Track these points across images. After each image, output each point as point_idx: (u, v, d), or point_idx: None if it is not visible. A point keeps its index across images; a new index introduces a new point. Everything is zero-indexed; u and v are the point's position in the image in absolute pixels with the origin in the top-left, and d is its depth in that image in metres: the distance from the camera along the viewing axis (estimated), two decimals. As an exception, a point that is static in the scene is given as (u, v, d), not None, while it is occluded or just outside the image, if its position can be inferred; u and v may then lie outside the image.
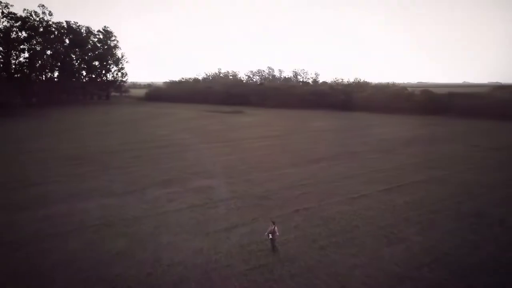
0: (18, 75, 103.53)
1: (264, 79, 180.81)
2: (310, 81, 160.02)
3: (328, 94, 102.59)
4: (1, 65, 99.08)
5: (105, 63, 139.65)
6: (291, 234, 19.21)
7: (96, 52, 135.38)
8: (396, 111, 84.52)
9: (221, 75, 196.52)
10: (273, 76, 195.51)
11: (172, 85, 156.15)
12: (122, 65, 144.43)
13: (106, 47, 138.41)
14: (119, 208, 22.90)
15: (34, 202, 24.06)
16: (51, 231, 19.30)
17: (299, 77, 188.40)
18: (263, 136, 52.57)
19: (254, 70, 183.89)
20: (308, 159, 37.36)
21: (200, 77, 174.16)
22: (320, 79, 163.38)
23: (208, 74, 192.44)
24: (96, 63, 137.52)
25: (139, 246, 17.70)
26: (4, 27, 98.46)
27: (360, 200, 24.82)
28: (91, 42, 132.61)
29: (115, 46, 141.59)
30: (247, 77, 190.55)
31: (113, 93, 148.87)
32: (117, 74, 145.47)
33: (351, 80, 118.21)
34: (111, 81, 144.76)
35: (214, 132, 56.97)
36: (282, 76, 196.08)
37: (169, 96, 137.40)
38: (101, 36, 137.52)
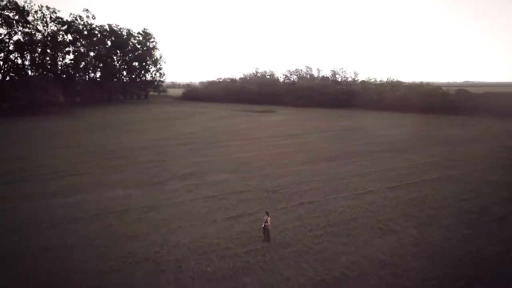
0: (64, 75, 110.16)
1: (301, 78, 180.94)
2: (349, 80, 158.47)
3: (360, 94, 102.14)
4: (49, 67, 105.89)
5: (144, 64, 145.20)
6: (291, 224, 20.75)
7: (136, 53, 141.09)
8: (430, 111, 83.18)
9: (258, 74, 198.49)
10: (311, 75, 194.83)
11: (207, 85, 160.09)
12: (160, 65, 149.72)
13: (145, 48, 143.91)
14: (140, 197, 25.27)
15: (67, 190, 26.95)
16: (78, 215, 21.90)
17: (337, 76, 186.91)
18: (287, 135, 53.95)
19: (292, 69, 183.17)
20: (324, 157, 38.49)
21: (237, 77, 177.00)
22: (360, 78, 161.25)
23: (246, 74, 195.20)
24: (136, 64, 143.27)
25: (152, 230, 19.87)
26: (51, 31, 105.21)
27: (366, 195, 25.88)
28: (131, 43, 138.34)
29: (154, 48, 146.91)
30: (284, 76, 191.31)
31: (151, 93, 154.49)
32: (155, 74, 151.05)
33: (384, 79, 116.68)
34: (150, 81, 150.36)
35: (240, 130, 58.98)
36: (320, 75, 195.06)
37: (204, 95, 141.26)
38: (140, 38, 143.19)
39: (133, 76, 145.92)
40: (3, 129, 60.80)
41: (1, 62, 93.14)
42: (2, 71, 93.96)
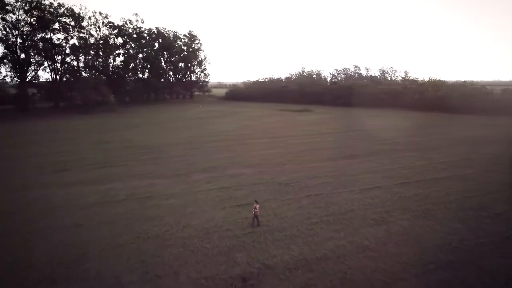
0: (114, 76, 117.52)
1: (349, 78, 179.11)
2: (398, 79, 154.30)
3: (400, 93, 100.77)
4: (101, 68, 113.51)
5: (189, 64, 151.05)
6: (292, 213, 22.76)
7: (182, 55, 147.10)
8: (471, 111, 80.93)
9: (305, 74, 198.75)
10: (359, 74, 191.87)
11: (250, 85, 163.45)
12: (205, 66, 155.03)
13: (190, 50, 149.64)
14: (164, 187, 28.25)
15: (102, 179, 30.53)
16: (106, 200, 25.19)
17: (387, 75, 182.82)
18: (316, 133, 55.40)
19: (339, 68, 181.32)
20: (345, 155, 39.77)
21: (282, 77, 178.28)
22: (411, 77, 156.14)
23: (292, 73, 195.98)
24: (182, 64, 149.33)
25: (167, 213, 22.64)
26: (104, 35, 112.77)
27: (371, 190, 27.25)
28: (177, 45, 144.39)
29: (199, 49, 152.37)
30: (331, 76, 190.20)
31: (196, 93, 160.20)
32: (200, 75, 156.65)
33: (426, 78, 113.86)
34: (195, 81, 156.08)
35: (272, 129, 61.11)
36: (368, 75, 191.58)
37: (247, 95, 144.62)
38: (186, 40, 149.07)
39: (179, 77, 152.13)
40: (57, 126, 66.94)
41: (59, 65, 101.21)
42: (59, 72, 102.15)
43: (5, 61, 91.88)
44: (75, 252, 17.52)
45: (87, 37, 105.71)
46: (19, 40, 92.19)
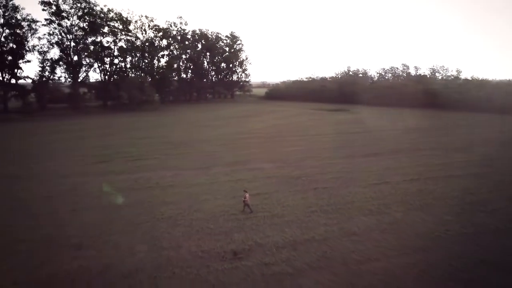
0: (159, 76, 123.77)
1: (397, 77, 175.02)
2: (451, 78, 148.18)
3: (440, 93, 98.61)
4: (146, 69, 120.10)
5: (231, 65, 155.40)
6: (295, 202, 24.84)
7: (224, 55, 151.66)
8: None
9: (350, 73, 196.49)
10: (408, 73, 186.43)
11: (290, 84, 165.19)
12: (246, 66, 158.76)
13: (232, 50, 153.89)
14: (186, 177, 31.23)
15: (134, 170, 34.09)
16: (134, 187, 28.51)
17: (437, 74, 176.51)
18: (344, 132, 56.58)
19: (387, 67, 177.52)
20: (366, 153, 40.98)
21: (328, 76, 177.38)
22: (463, 76, 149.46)
23: (338, 73, 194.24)
24: (223, 65, 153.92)
25: (183, 200, 25.47)
26: (149, 37, 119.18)
27: (378, 185, 28.67)
28: (219, 46, 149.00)
29: (240, 50, 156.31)
30: (378, 75, 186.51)
31: (237, 92, 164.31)
32: (241, 75, 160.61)
33: (468, 77, 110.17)
34: (236, 81, 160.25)
35: (301, 127, 62.91)
36: (417, 74, 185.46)
37: (286, 95, 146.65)
38: (228, 41, 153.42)
39: (221, 77, 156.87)
40: (103, 123, 72.61)
41: (107, 66, 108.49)
42: (108, 73, 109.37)
43: (60, 63, 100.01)
44: (100, 228, 20.70)
45: (133, 39, 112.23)
46: (72, 44, 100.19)
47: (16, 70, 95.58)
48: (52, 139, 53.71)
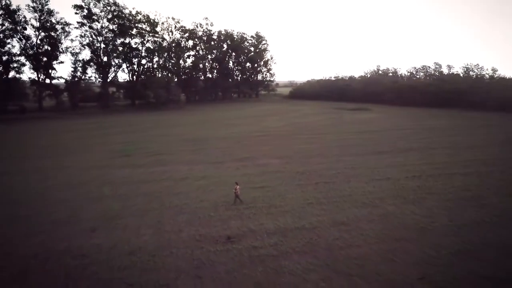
0: (185, 76, 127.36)
1: (429, 76, 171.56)
2: (486, 77, 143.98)
3: (464, 92, 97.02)
4: (173, 69, 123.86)
5: (256, 65, 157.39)
6: (294, 195, 26.42)
7: (249, 55, 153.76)
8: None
9: (380, 72, 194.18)
10: (440, 72, 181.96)
11: (314, 83, 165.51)
12: (270, 66, 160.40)
13: (257, 50, 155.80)
14: (198, 171, 33.34)
15: (151, 164, 36.54)
16: (149, 179, 30.89)
17: (471, 73, 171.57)
18: (360, 131, 57.31)
19: (418, 66, 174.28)
20: (376, 151, 41.85)
21: (356, 75, 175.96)
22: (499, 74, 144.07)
23: (366, 72, 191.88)
24: (248, 64, 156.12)
25: (192, 191, 27.54)
26: (176, 39, 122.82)
27: (379, 181, 29.82)
28: (244, 46, 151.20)
29: (265, 49, 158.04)
30: (409, 74, 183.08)
31: (262, 92, 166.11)
32: (266, 74, 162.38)
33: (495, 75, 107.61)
34: (260, 80, 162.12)
35: (318, 126, 64.04)
36: (450, 72, 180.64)
37: (310, 94, 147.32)
38: (253, 41, 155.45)
39: (245, 76, 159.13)
40: (129, 121, 76.17)
41: (135, 66, 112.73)
42: (136, 73, 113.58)
43: (91, 63, 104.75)
44: (112, 213, 23.04)
45: (160, 40, 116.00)
46: (102, 45, 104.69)
47: (50, 71, 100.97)
48: (81, 135, 57.26)
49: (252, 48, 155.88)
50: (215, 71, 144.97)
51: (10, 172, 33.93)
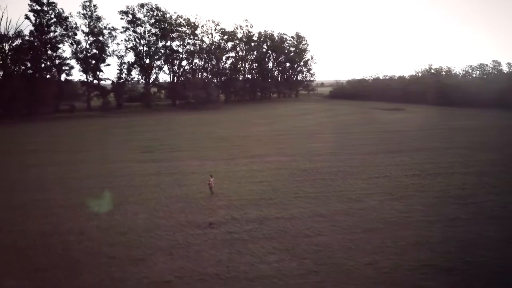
0: (224, 77, 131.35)
1: (487, 75, 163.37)
2: None
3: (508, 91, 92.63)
4: (212, 70, 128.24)
5: (295, 65, 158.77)
6: (287, 189, 28.13)
7: (289, 56, 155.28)
8: None
9: (432, 71, 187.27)
10: (499, 70, 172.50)
11: (354, 83, 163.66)
12: (310, 66, 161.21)
13: (297, 51, 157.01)
14: (208, 166, 35.78)
15: (169, 159, 39.66)
16: (161, 172, 33.85)
17: None
18: (383, 131, 57.37)
19: (475, 64, 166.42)
20: (389, 150, 42.28)
21: (407, 74, 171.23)
22: None
23: (418, 71, 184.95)
24: (288, 65, 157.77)
25: (195, 184, 29.95)
26: (215, 40, 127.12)
27: (376, 179, 30.77)
28: (284, 46, 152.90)
29: (305, 50, 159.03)
30: (464, 72, 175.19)
31: (301, 92, 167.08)
32: (305, 74, 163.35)
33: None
34: (300, 80, 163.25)
35: (345, 125, 64.70)
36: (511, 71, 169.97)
37: (350, 93, 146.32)
38: (293, 41, 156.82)
39: (285, 76, 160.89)
40: (164, 119, 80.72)
41: (176, 67, 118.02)
42: (176, 74, 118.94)
43: (135, 66, 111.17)
44: (118, 200, 26.04)
45: (200, 43, 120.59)
46: (145, 48, 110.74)
47: (98, 73, 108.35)
48: (116, 132, 62.10)
49: (292, 49, 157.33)
50: (254, 71, 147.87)
51: (42, 164, 38.26)
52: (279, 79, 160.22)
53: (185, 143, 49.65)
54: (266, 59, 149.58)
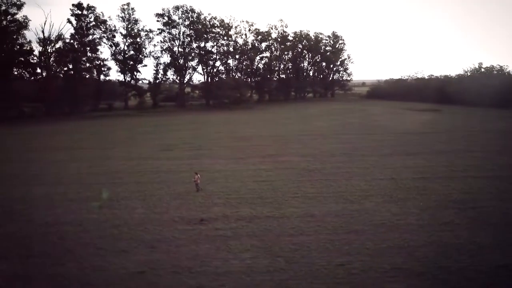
0: (258, 78, 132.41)
1: None
2: None
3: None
4: (246, 70, 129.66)
5: (331, 65, 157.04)
6: (287, 189, 28.42)
7: (324, 55, 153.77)
8: None
9: (482, 69, 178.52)
10: None
11: (393, 82, 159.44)
12: (347, 65, 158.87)
13: (333, 50, 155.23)
14: (219, 165, 36.79)
15: (184, 157, 41.07)
16: (173, 169, 35.23)
17: None
18: (408, 132, 55.86)
19: None
20: (404, 152, 41.20)
21: (454, 74, 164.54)
22: None
23: (466, 70, 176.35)
24: (324, 64, 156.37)
25: (211, 182, 30.82)
26: (249, 41, 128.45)
27: (381, 181, 30.33)
28: (319, 46, 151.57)
29: (342, 49, 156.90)
30: None
31: (337, 91, 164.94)
32: (342, 74, 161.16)
33: None
34: (336, 80, 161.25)
35: (370, 126, 63.56)
36: None
37: (388, 93, 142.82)
38: (329, 41, 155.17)
39: (321, 76, 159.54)
40: (192, 119, 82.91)
41: (210, 68, 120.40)
42: (210, 74, 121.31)
43: (170, 66, 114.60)
44: (123, 195, 27.48)
45: (234, 43, 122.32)
46: (180, 49, 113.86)
47: (135, 73, 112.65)
48: (146, 130, 64.56)
49: (328, 48, 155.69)
50: (289, 71, 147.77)
51: (66, 160, 40.73)
52: (314, 78, 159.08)
53: (206, 142, 50.93)
54: (301, 59, 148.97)
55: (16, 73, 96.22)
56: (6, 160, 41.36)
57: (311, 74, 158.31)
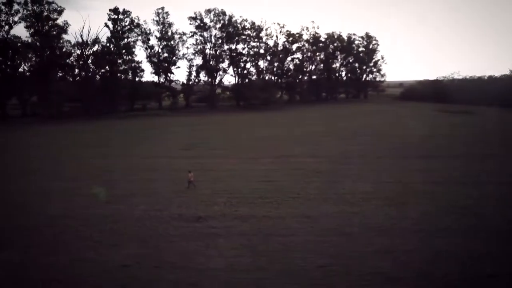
0: (288, 78, 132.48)
1: None
2: None
3: None
4: (277, 72, 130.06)
5: (364, 66, 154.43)
6: (290, 190, 28.50)
7: (357, 56, 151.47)
8: None
9: None
10: None
11: (427, 84, 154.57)
12: (380, 66, 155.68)
13: (366, 51, 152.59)
14: (230, 165, 37.46)
15: (198, 156, 42.00)
16: (182, 168, 35.55)
17: None
18: (432, 135, 54.21)
19: None
20: (423, 155, 40.41)
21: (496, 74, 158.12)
22: None
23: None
24: (356, 65, 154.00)
25: (207, 180, 31.44)
26: (280, 43, 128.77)
27: (387, 184, 29.61)
28: (352, 47, 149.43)
29: (375, 50, 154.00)
30: None
31: (370, 92, 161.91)
32: (375, 75, 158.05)
33: None
34: (369, 81, 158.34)
35: (393, 128, 62.16)
36: None
37: (421, 95, 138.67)
38: (363, 42, 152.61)
39: (353, 77, 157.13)
40: (219, 120, 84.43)
41: (240, 70, 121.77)
42: (241, 76, 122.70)
43: (203, 68, 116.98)
44: (130, 192, 28.65)
45: (265, 45, 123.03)
46: (211, 52, 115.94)
47: (169, 75, 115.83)
48: (173, 130, 66.55)
49: (361, 49, 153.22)
50: (320, 72, 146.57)
51: (88, 157, 42.74)
52: (346, 79, 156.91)
53: (225, 142, 51.83)
54: (333, 60, 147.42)
55: (59, 74, 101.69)
56: (35, 156, 43.96)
57: (343, 75, 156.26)
